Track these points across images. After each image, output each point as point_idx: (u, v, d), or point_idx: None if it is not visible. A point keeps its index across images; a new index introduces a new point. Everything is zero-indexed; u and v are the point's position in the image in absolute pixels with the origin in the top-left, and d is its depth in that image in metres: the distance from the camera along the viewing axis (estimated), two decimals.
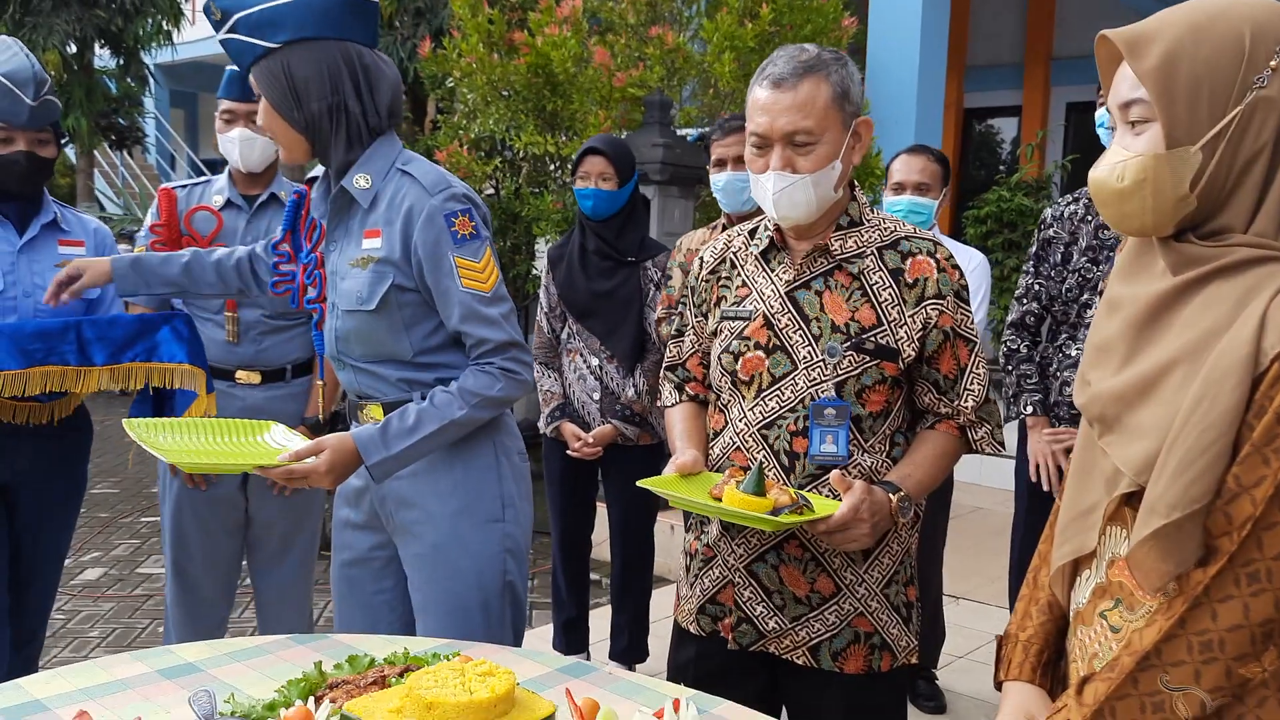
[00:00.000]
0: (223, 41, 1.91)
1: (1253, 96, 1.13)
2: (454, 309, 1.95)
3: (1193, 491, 1.10)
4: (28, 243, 2.65)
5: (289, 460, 1.82)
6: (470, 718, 1.16)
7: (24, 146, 2.57)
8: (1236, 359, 1.10)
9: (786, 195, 1.77)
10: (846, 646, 1.85)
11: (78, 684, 1.52)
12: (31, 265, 2.63)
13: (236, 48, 1.90)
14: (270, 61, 1.89)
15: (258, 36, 1.87)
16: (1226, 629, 1.10)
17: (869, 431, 1.83)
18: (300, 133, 1.94)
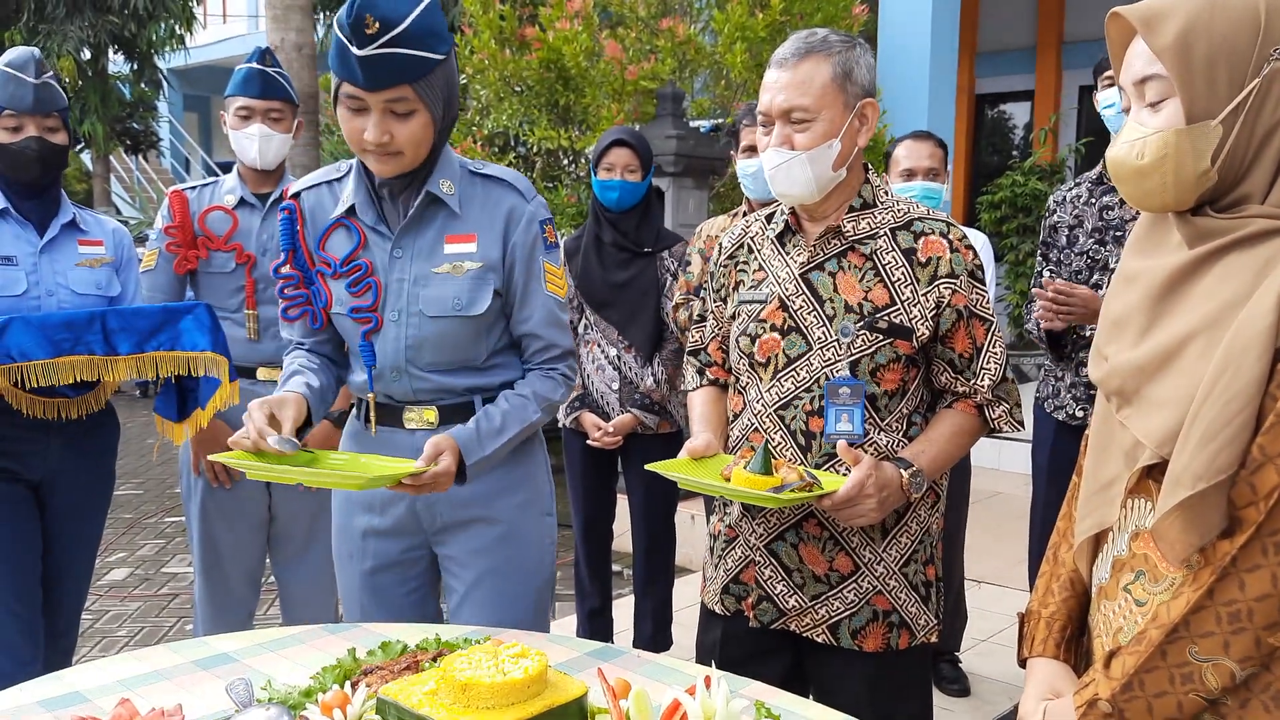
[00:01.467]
0: (374, 58, 1.70)
1: (1270, 68, 1.13)
2: (536, 312, 1.98)
3: (1218, 462, 1.11)
4: (49, 243, 2.68)
5: (426, 466, 1.76)
6: (504, 697, 1.18)
7: (34, 132, 2.58)
8: (1258, 330, 1.10)
9: (783, 171, 1.79)
10: (865, 625, 1.86)
11: (116, 675, 1.54)
12: (54, 265, 2.67)
13: (400, 62, 1.72)
14: (434, 74, 1.77)
15: (427, 49, 1.75)
16: (1255, 598, 1.11)
17: (885, 410, 1.84)
18: (435, 146, 1.87)
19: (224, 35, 16.60)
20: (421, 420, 1.97)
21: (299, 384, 1.90)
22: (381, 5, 1.70)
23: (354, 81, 1.73)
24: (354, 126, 1.79)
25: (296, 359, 2.01)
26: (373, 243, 1.93)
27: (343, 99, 1.78)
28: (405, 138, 1.79)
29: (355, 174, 1.94)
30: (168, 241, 2.88)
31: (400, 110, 1.77)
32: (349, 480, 1.69)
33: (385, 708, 1.22)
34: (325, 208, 1.97)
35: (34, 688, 1.50)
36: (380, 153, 1.80)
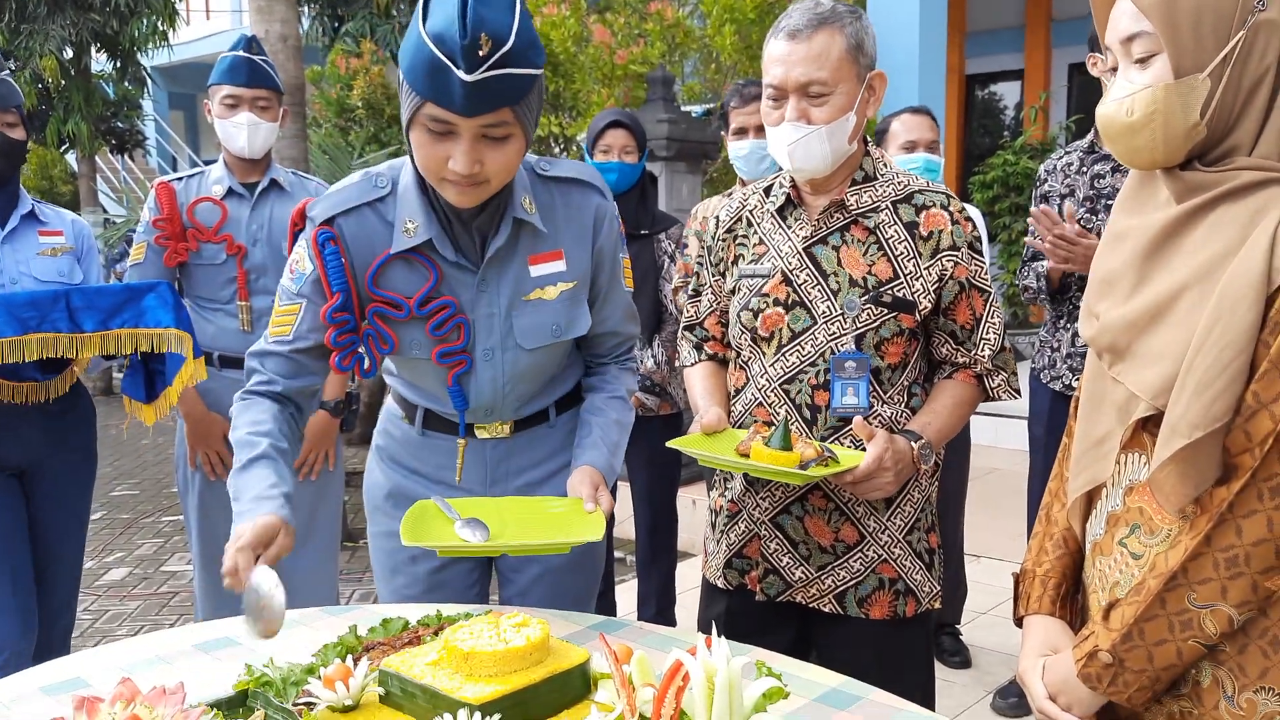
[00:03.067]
0: (481, 81, 1.47)
1: (1254, 20, 1.14)
2: (618, 310, 1.90)
3: (1214, 410, 1.11)
4: (9, 234, 2.70)
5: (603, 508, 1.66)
6: (507, 665, 1.18)
7: None
8: (1250, 279, 1.11)
9: (802, 146, 1.78)
10: (871, 593, 1.87)
11: (117, 660, 1.54)
12: (15, 255, 2.69)
13: (507, 84, 1.50)
14: (533, 92, 1.56)
15: (530, 64, 1.52)
16: (1251, 543, 1.12)
17: (887, 383, 1.84)
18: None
19: (208, 31, 16.51)
20: (495, 431, 1.85)
21: (277, 499, 1.58)
22: (490, 20, 1.46)
23: (449, 106, 1.48)
24: (436, 153, 1.55)
25: (270, 423, 1.69)
26: (451, 277, 1.71)
27: (424, 121, 1.53)
28: (497, 166, 1.57)
29: (419, 199, 1.68)
30: (156, 234, 2.87)
31: (496, 135, 1.54)
32: (553, 546, 1.59)
33: (388, 679, 1.22)
34: (372, 236, 1.70)
35: (36, 674, 1.50)
36: (466, 183, 1.57)
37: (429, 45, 1.46)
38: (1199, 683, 1.20)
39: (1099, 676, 1.22)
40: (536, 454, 1.89)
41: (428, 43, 1.46)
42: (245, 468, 1.62)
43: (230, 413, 1.75)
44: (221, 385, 2.91)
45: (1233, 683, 1.17)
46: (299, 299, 1.71)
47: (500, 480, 1.87)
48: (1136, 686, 1.20)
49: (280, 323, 1.74)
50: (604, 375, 1.94)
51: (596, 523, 1.61)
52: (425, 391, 1.85)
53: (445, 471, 1.87)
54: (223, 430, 2.91)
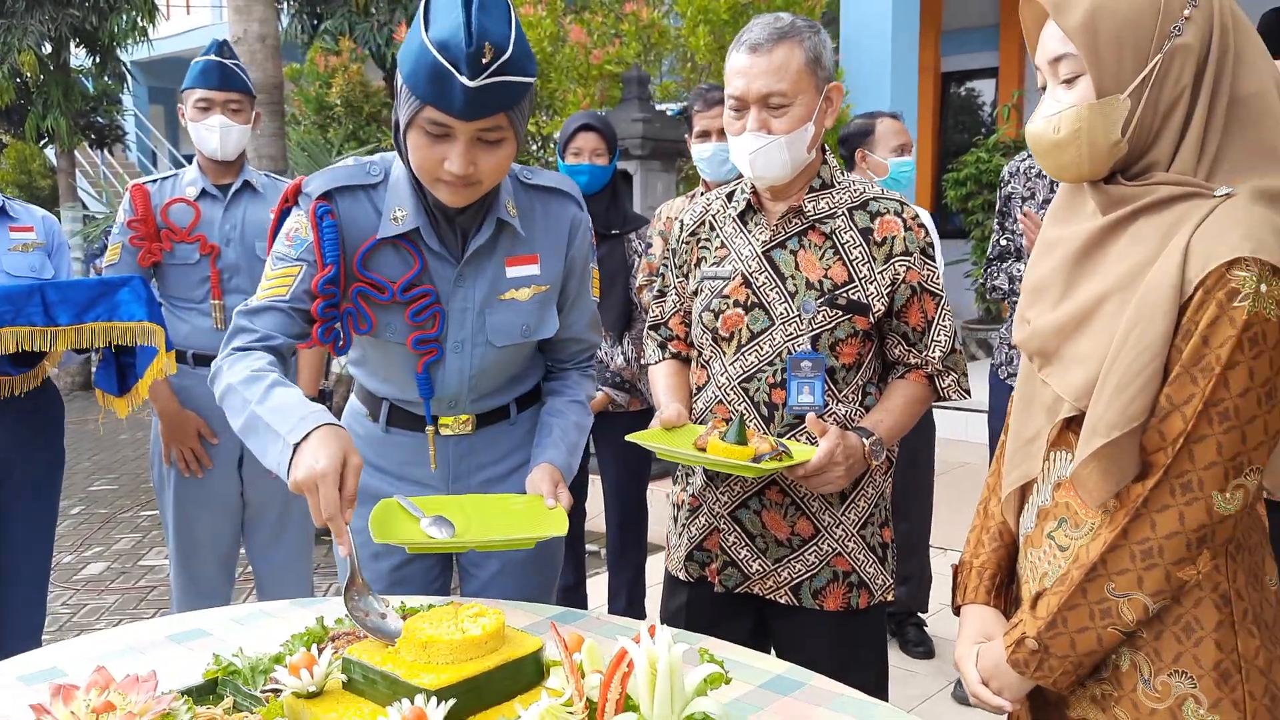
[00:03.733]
0: (483, 87, 1.54)
1: (1170, 45, 1.20)
2: (583, 317, 1.97)
3: (1130, 411, 1.18)
4: None
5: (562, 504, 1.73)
6: (464, 653, 1.24)
7: None
8: (1164, 288, 1.18)
9: (763, 155, 1.85)
10: (826, 585, 1.93)
11: (92, 651, 1.59)
12: None
13: (505, 90, 1.57)
14: (526, 98, 1.64)
15: (526, 72, 1.60)
16: (1165, 536, 1.19)
17: (842, 382, 1.91)
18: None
19: (188, 26, 16.44)
20: (457, 427, 1.90)
21: (318, 409, 1.60)
22: (492, 30, 1.54)
23: (449, 110, 1.55)
24: (432, 155, 1.62)
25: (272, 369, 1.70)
26: (432, 268, 1.78)
27: (422, 124, 1.60)
28: (490, 168, 1.65)
29: (410, 191, 1.76)
30: (131, 235, 2.92)
31: (491, 139, 1.62)
32: (519, 542, 1.65)
33: (350, 667, 1.28)
34: (362, 219, 1.77)
35: (12, 665, 1.54)
36: (460, 184, 1.64)
37: (432, 52, 1.53)
38: (1119, 667, 1.27)
39: (1026, 662, 1.29)
40: (498, 450, 1.95)
41: (431, 50, 1.53)
42: (265, 394, 1.62)
43: (214, 370, 1.74)
44: (195, 383, 2.96)
45: (1149, 666, 1.25)
46: (299, 262, 1.75)
47: (463, 475, 1.93)
48: (1061, 671, 1.27)
49: (278, 283, 1.76)
50: (565, 380, 2.01)
51: (559, 518, 1.68)
52: (391, 380, 1.89)
53: (409, 468, 1.93)
54: (197, 427, 2.96)
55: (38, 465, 2.80)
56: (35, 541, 2.83)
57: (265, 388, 1.63)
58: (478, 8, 1.53)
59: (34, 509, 2.82)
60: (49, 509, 2.87)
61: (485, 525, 1.69)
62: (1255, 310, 1.13)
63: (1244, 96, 1.21)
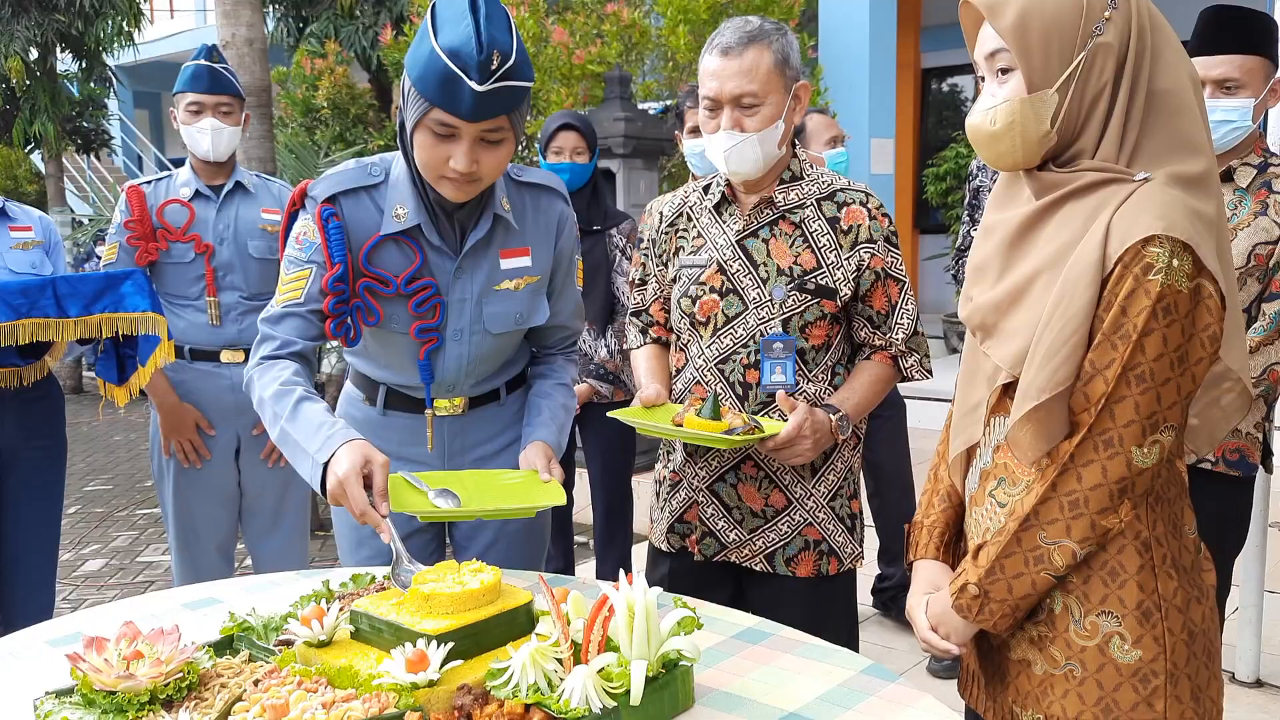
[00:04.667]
0: (492, 92, 1.66)
1: (1093, 44, 1.33)
2: (569, 305, 2.10)
3: (1058, 376, 1.31)
4: None
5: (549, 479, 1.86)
6: (462, 605, 1.36)
7: None
8: (1088, 264, 1.31)
9: (736, 152, 1.97)
10: (798, 553, 2.06)
11: (114, 617, 1.70)
12: None
13: (510, 94, 1.70)
14: (525, 101, 1.77)
15: (527, 77, 1.73)
16: (1089, 488, 1.32)
17: (812, 363, 2.04)
18: None
19: (172, 30, 16.49)
20: (452, 408, 2.02)
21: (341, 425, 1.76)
22: (499, 38, 1.66)
23: (457, 113, 1.67)
24: (438, 154, 1.74)
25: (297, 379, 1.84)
26: (433, 261, 1.90)
27: (429, 125, 1.72)
28: (491, 166, 1.77)
29: (411, 189, 1.87)
30: (128, 235, 3.03)
31: (493, 139, 1.74)
32: (521, 510, 1.78)
33: (358, 618, 1.40)
34: (366, 218, 1.89)
35: (41, 630, 1.66)
36: (464, 181, 1.77)
37: (443, 58, 1.65)
38: (1052, 610, 1.40)
39: (968, 607, 1.42)
40: (489, 429, 2.07)
41: (442, 56, 1.65)
42: (294, 412, 1.77)
43: (246, 379, 1.89)
44: (192, 377, 3.07)
45: (1079, 608, 1.38)
46: (309, 265, 1.89)
47: (457, 454, 2.05)
48: (1000, 614, 1.40)
49: (292, 288, 1.90)
50: (551, 364, 2.14)
51: (556, 489, 1.82)
52: (393, 368, 2.02)
53: (406, 448, 2.05)
54: (194, 419, 3.07)
55: (43, 452, 2.91)
56: (43, 526, 2.93)
57: (293, 404, 1.79)
58: (485, 17, 1.67)
59: (41, 495, 2.92)
60: (55, 495, 2.98)
61: (486, 498, 1.82)
62: (1168, 283, 1.26)
63: (1160, 91, 1.35)
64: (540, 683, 1.24)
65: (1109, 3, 1.33)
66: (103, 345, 2.73)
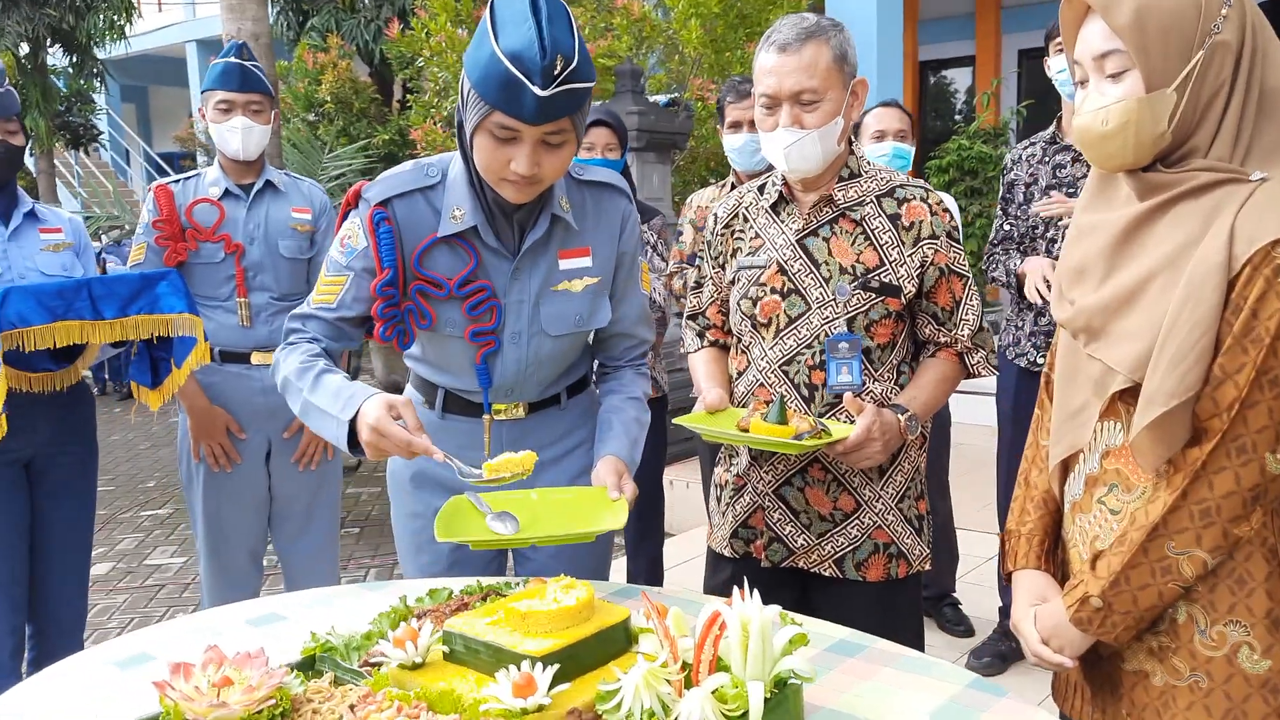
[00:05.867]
0: (555, 96, 1.61)
1: (1212, 41, 1.29)
2: (633, 310, 2.03)
3: (1187, 381, 1.26)
4: (14, 232, 2.80)
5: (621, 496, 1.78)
6: (560, 623, 1.31)
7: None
8: (1213, 265, 1.26)
9: (797, 149, 1.92)
10: (868, 557, 2.02)
11: (172, 636, 1.64)
12: (21, 251, 2.78)
13: (572, 97, 1.64)
14: (587, 102, 1.72)
15: (590, 79, 1.67)
16: (1222, 496, 1.27)
17: (878, 362, 1.99)
18: None
19: (160, 24, 16.32)
20: (511, 414, 1.97)
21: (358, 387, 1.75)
22: (561, 41, 1.60)
23: (519, 116, 1.63)
24: (500, 156, 1.69)
25: (319, 356, 1.85)
26: (489, 263, 1.85)
27: (490, 128, 1.67)
28: (553, 168, 1.72)
29: (468, 190, 1.83)
30: (156, 235, 2.96)
31: (555, 141, 1.69)
32: (578, 536, 1.67)
33: (452, 639, 1.34)
34: (421, 220, 1.84)
35: (102, 651, 1.60)
36: (525, 183, 1.72)
37: (504, 62, 1.60)
38: (1175, 620, 1.36)
39: (1090, 619, 1.37)
40: (550, 434, 2.02)
41: (503, 60, 1.60)
42: (315, 381, 1.78)
43: (274, 363, 1.89)
44: (223, 379, 3.01)
45: (1205, 618, 1.34)
46: (347, 271, 1.86)
47: None
48: (1123, 626, 1.36)
49: (327, 291, 1.89)
50: (620, 378, 2.06)
51: (619, 511, 1.75)
52: (450, 371, 1.97)
53: (466, 451, 1.98)
54: (225, 422, 3.00)
55: (76, 459, 2.85)
56: (76, 534, 2.88)
57: (314, 377, 1.79)
58: (547, 19, 1.61)
59: (74, 504, 2.86)
60: (88, 503, 2.92)
61: (548, 519, 1.75)
62: None
63: (1271, 89, 1.31)
64: (655, 706, 1.19)
65: (1226, 0, 1.29)
66: (136, 348, 2.66)
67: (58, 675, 1.52)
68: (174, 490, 6.70)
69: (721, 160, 6.45)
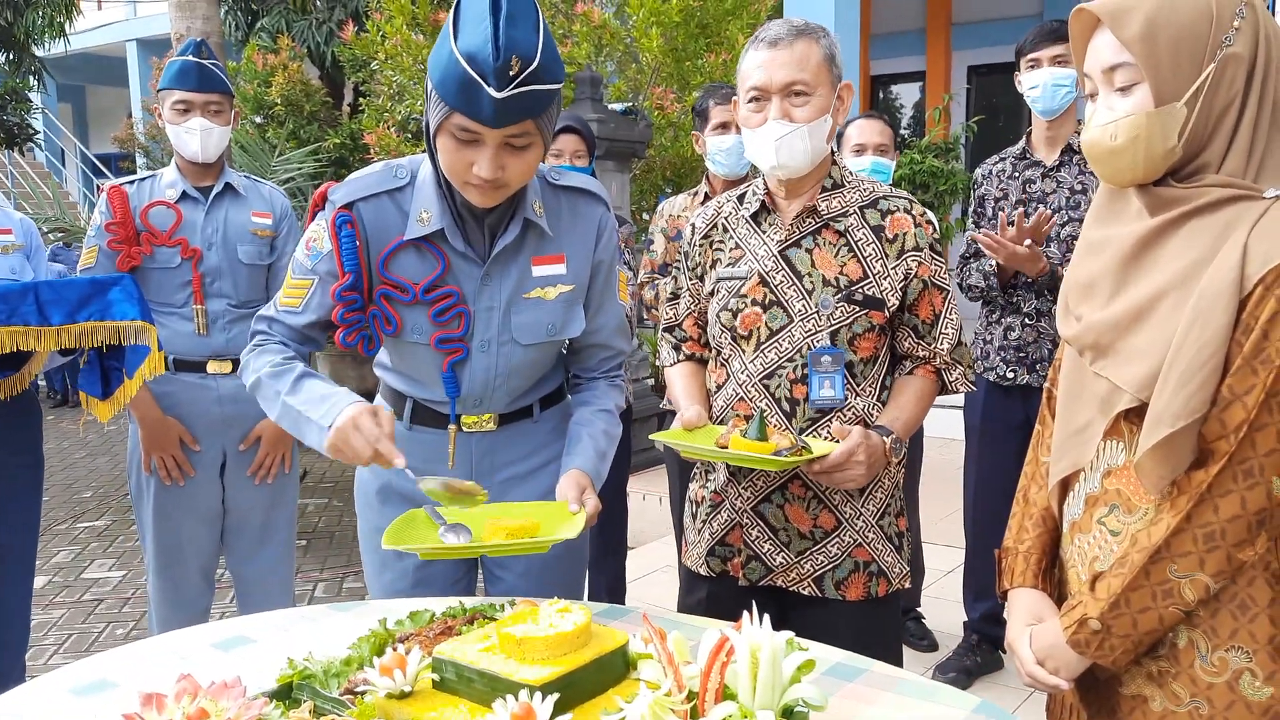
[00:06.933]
0: (513, 98, 1.56)
1: (1223, 54, 1.28)
2: (610, 320, 1.98)
3: (1194, 402, 1.25)
4: None
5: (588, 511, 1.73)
6: (557, 649, 1.25)
7: None
8: (1224, 284, 1.24)
9: (786, 143, 1.89)
10: (848, 576, 1.99)
11: (135, 662, 1.56)
12: None
13: (533, 99, 1.59)
14: (554, 104, 1.66)
15: (554, 79, 1.62)
16: (1227, 520, 1.26)
17: (860, 376, 1.97)
18: None
19: (100, 22, 15.94)
20: (481, 425, 1.92)
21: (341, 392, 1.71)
22: (520, 41, 1.55)
23: (478, 118, 1.58)
24: (461, 159, 1.65)
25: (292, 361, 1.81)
26: (457, 268, 1.80)
27: (451, 130, 1.63)
28: (518, 171, 1.68)
29: (436, 193, 1.78)
30: (109, 238, 2.85)
31: (518, 144, 1.65)
32: (530, 546, 1.61)
33: (442, 665, 1.28)
34: (388, 223, 1.79)
35: (58, 678, 1.51)
36: (488, 187, 1.67)
37: (461, 63, 1.55)
38: (1176, 645, 1.34)
39: (1087, 642, 1.35)
40: (521, 448, 1.96)
41: (460, 61, 1.55)
42: (295, 384, 1.75)
43: (243, 363, 1.85)
44: (177, 389, 2.91)
45: (1207, 643, 1.32)
46: (312, 275, 1.82)
47: (485, 473, 1.93)
48: (1122, 650, 1.34)
49: (292, 294, 1.84)
50: (594, 390, 2.01)
51: (575, 522, 1.69)
52: (417, 380, 1.91)
53: (433, 464, 1.92)
54: (177, 434, 2.90)
55: (24, 470, 2.73)
56: (20, 550, 2.76)
57: (295, 379, 1.75)
58: (505, 19, 1.55)
59: (19, 516, 2.74)
60: (33, 518, 2.80)
61: (500, 531, 1.68)
62: None
63: None
64: None
65: (1237, 12, 1.28)
66: (86, 356, 2.55)
67: (9, 704, 1.43)
68: (112, 501, 6.50)
69: (678, 170, 6.43)
